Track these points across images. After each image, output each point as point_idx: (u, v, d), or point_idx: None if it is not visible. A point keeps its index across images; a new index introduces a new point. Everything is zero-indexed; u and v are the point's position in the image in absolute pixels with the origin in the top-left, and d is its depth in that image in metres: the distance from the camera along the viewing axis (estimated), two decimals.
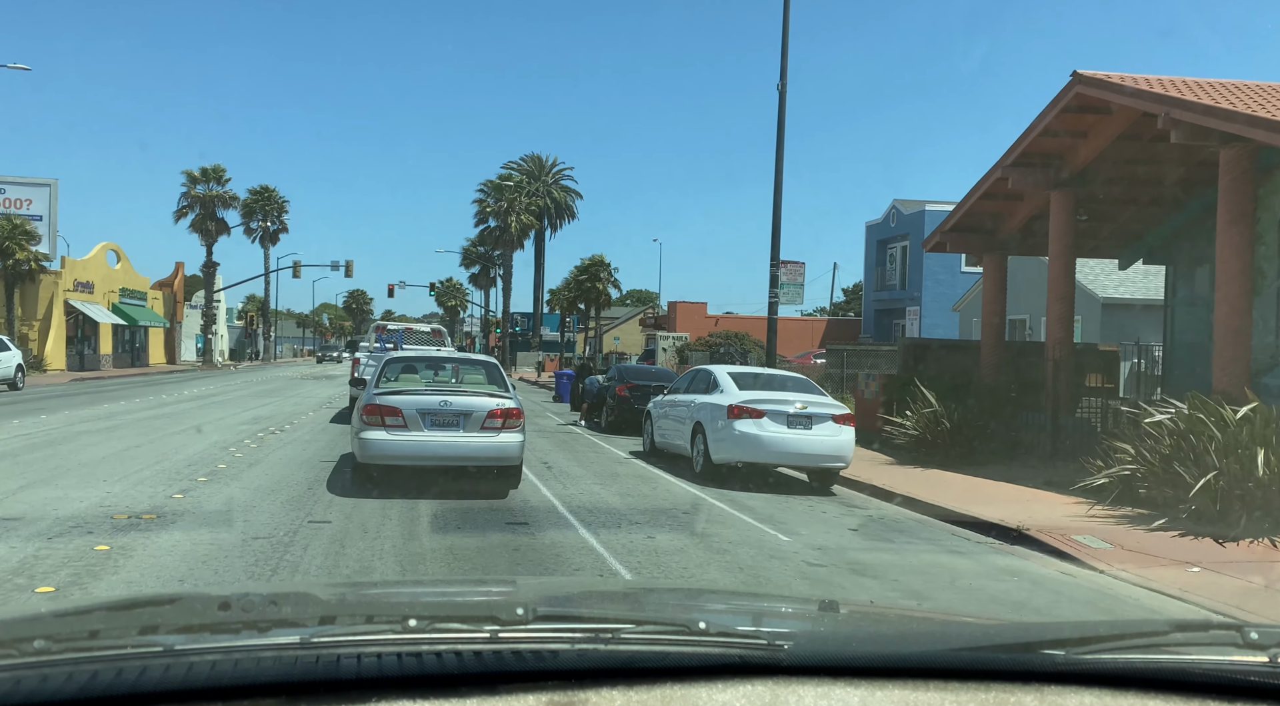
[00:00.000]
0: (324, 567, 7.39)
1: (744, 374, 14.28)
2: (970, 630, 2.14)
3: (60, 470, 11.89)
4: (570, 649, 1.54)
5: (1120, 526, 10.22)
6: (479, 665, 1.48)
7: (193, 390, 31.90)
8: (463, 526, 9.27)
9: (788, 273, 44.05)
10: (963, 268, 42.88)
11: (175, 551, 7.65)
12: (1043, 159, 16.52)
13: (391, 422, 10.88)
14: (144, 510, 9.35)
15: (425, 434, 10.95)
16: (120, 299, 54.17)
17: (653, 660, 1.56)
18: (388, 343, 21.90)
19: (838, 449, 12.82)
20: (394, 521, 9.28)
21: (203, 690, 1.38)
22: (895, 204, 45.63)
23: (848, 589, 7.45)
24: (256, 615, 2.23)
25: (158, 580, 6.77)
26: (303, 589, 3.83)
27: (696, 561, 8.15)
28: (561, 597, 2.69)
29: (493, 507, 10.38)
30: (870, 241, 48.03)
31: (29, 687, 1.34)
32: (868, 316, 48.87)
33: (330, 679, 1.43)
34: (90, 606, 2.65)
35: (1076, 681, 1.58)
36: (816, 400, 13.17)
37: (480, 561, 8.00)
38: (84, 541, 7.84)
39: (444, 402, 11.12)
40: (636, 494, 11.99)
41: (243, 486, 11.10)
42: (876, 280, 47.25)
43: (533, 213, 71.49)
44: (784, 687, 1.52)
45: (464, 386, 12.01)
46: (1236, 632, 1.76)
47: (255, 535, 8.40)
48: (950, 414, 15.23)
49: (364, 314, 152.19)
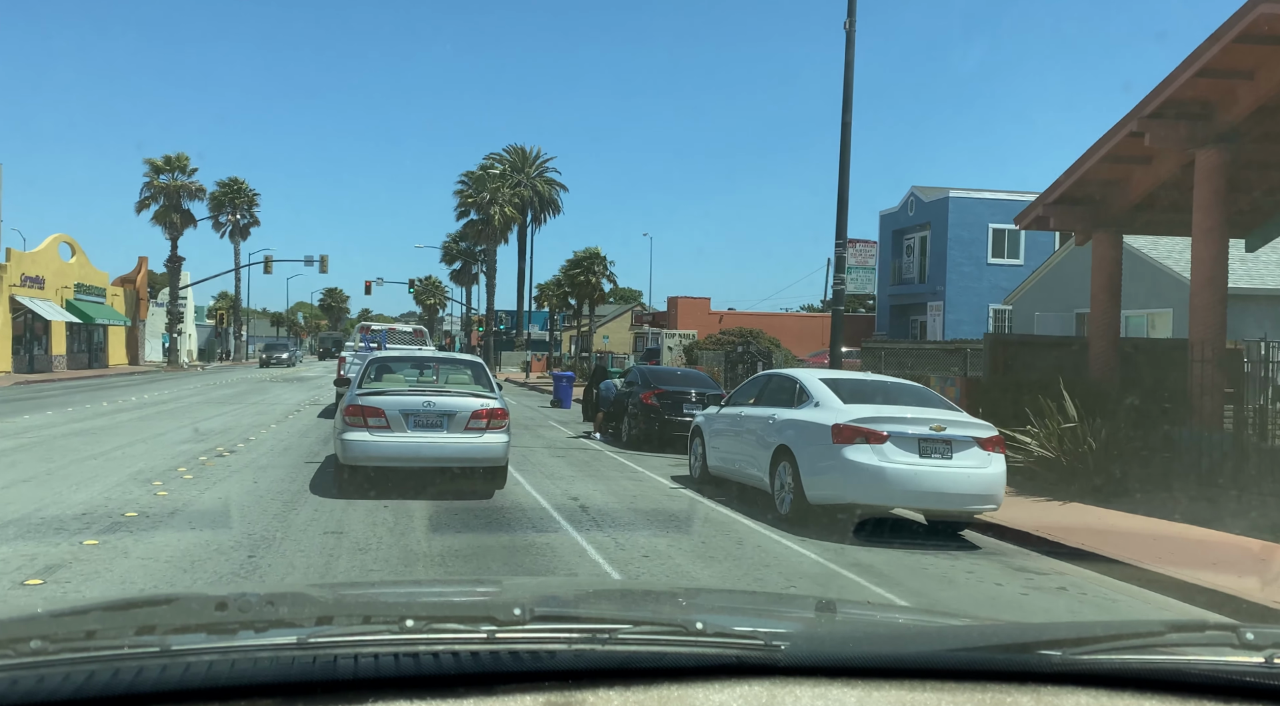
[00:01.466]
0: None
1: (844, 381, 10.72)
2: (967, 630, 2.14)
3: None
4: (567, 649, 1.54)
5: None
6: (476, 665, 1.48)
7: (144, 396, 28.14)
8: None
9: (856, 254, 40.38)
10: (989, 259, 39.60)
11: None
12: (1193, 108, 13.13)
13: (374, 423, 10.66)
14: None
15: (408, 435, 10.73)
16: (75, 295, 50.25)
17: (650, 660, 1.55)
18: (372, 342, 22.55)
19: (988, 486, 9.37)
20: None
21: (199, 690, 1.37)
22: (914, 191, 42.29)
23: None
24: (253, 615, 2.22)
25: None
26: (300, 589, 3.64)
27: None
28: (559, 598, 2.70)
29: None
30: (884, 232, 44.67)
31: (26, 688, 1.33)
32: (882, 312, 45.51)
33: (327, 679, 1.42)
34: (87, 606, 2.55)
35: (1073, 682, 1.57)
36: (952, 417, 9.68)
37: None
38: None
39: (427, 403, 10.90)
40: (721, 553, 8.50)
41: (138, 565, 7.27)
42: (892, 273, 43.88)
43: (515, 205, 68.25)
44: (781, 688, 1.51)
45: (448, 386, 11.77)
46: (1232, 633, 1.74)
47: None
48: (1096, 430, 11.80)
49: (340, 312, 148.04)
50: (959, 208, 39.37)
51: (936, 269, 40.26)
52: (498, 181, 67.22)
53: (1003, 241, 39.66)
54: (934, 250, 40.58)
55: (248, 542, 8.02)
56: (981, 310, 39.33)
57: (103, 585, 6.47)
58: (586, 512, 10.20)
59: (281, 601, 2.50)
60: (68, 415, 20.45)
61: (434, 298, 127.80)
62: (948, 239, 39.32)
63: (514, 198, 68.32)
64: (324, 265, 66.67)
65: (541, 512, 10.14)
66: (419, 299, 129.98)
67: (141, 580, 6.67)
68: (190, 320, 76.09)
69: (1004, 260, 39.61)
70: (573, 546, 8.39)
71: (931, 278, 40.71)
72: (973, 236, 39.40)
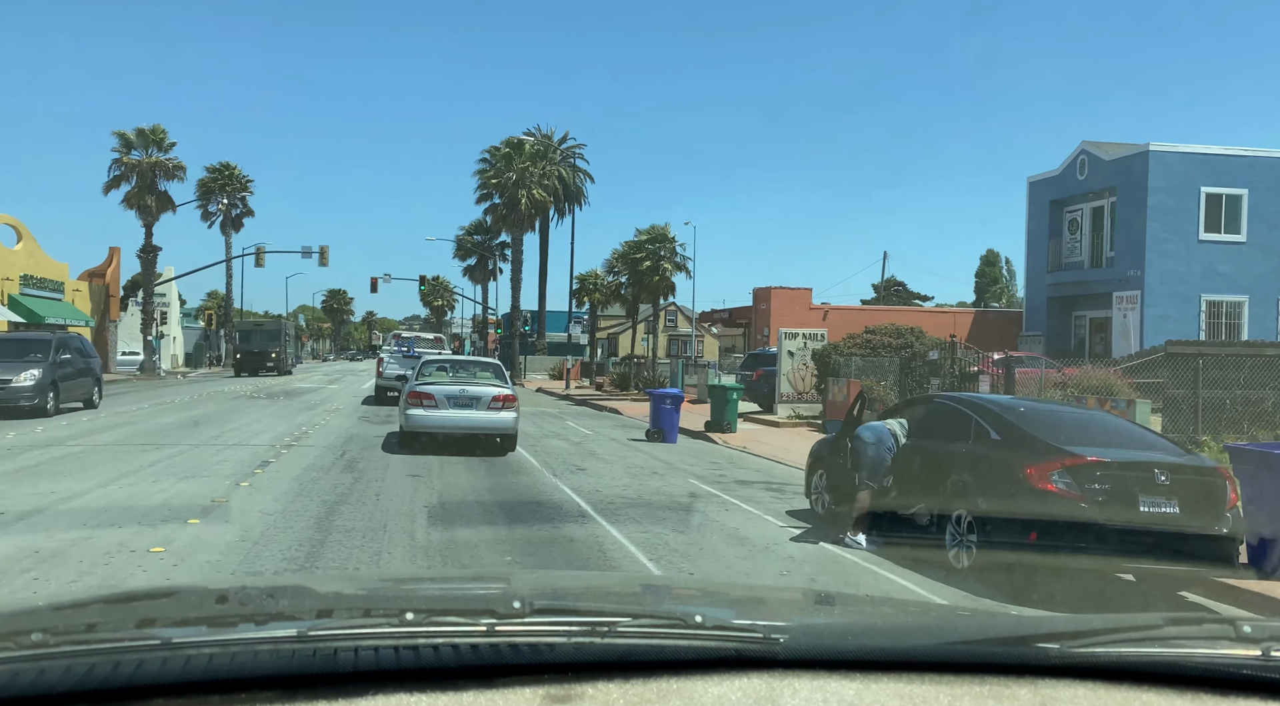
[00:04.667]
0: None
1: None
2: (965, 623, 2.17)
3: None
4: (567, 642, 1.54)
5: None
6: (476, 658, 1.48)
7: (48, 431, 18.66)
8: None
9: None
10: (1201, 234, 29.84)
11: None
12: None
13: (427, 404, 15.79)
14: None
15: (450, 411, 15.73)
16: (21, 289, 41.02)
17: (649, 653, 1.55)
18: (402, 347, 29.95)
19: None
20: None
21: (200, 683, 1.37)
22: (1085, 148, 32.44)
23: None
24: (254, 608, 2.21)
25: None
26: (300, 582, 3.55)
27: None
28: (559, 591, 2.73)
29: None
30: (1036, 202, 34.95)
31: (26, 680, 1.34)
32: (1034, 306, 35.66)
33: (328, 672, 1.42)
34: (87, 599, 2.57)
35: (1071, 674, 1.58)
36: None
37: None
38: None
39: (463, 391, 16.00)
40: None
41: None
42: (1049, 257, 34.13)
43: (545, 188, 58.54)
44: (779, 681, 1.51)
45: (476, 379, 16.96)
46: (1230, 626, 1.75)
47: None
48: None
49: (344, 314, 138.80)
50: (1162, 166, 29.57)
51: (1127, 248, 30.44)
52: (527, 159, 57.77)
53: (1219, 210, 29.90)
54: (1122, 223, 30.70)
55: None
56: (1191, 302, 29.72)
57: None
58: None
59: (281, 594, 2.44)
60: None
61: (442, 299, 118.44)
62: (1147, 207, 29.49)
63: (543, 179, 58.97)
64: (324, 257, 57.00)
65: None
66: (426, 300, 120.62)
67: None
68: (175, 322, 66.98)
69: (1220, 236, 29.88)
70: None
71: (1119, 260, 30.87)
72: (1179, 205, 29.57)
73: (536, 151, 58.35)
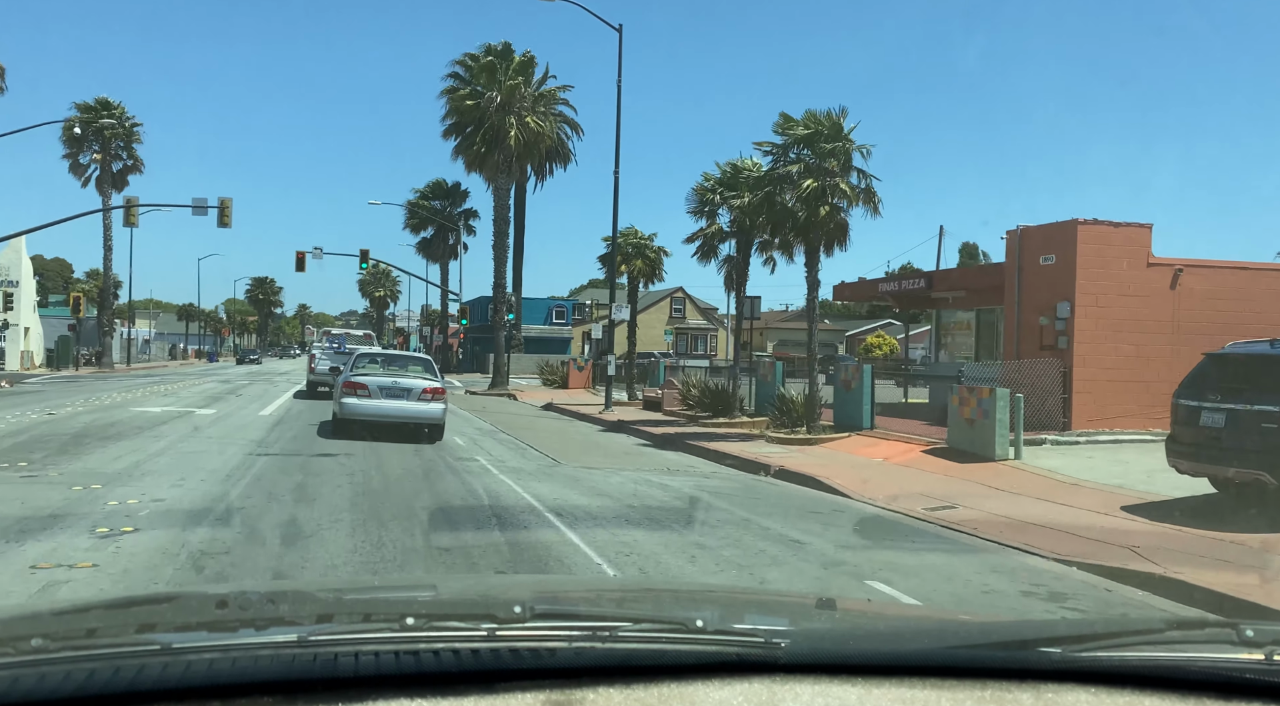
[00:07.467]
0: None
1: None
2: (967, 628, 2.14)
3: None
4: (568, 647, 1.53)
5: None
6: (477, 663, 1.46)
7: None
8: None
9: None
10: None
11: None
12: None
13: (361, 393, 17.14)
14: None
15: (383, 401, 17.09)
16: None
17: (650, 658, 1.54)
18: (333, 343, 32.03)
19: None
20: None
21: (200, 688, 1.36)
22: None
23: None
24: (254, 613, 2.20)
25: None
26: (300, 587, 3.60)
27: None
28: (559, 596, 2.69)
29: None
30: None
31: (27, 686, 1.32)
32: None
33: (328, 677, 1.40)
34: (88, 604, 2.59)
35: (1073, 679, 1.56)
36: None
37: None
38: None
39: (395, 382, 17.48)
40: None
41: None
42: None
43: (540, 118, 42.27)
44: (781, 685, 1.50)
45: (407, 373, 18.37)
46: (1232, 630, 1.73)
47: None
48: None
49: (272, 306, 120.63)
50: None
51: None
52: (517, 73, 41.42)
53: None
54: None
55: None
56: None
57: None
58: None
59: (282, 599, 2.43)
60: None
61: (384, 288, 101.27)
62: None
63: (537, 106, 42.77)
64: (223, 215, 39.41)
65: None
66: (365, 290, 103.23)
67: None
68: (28, 308, 49.90)
69: None
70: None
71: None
72: None
73: (526, 63, 41.98)
